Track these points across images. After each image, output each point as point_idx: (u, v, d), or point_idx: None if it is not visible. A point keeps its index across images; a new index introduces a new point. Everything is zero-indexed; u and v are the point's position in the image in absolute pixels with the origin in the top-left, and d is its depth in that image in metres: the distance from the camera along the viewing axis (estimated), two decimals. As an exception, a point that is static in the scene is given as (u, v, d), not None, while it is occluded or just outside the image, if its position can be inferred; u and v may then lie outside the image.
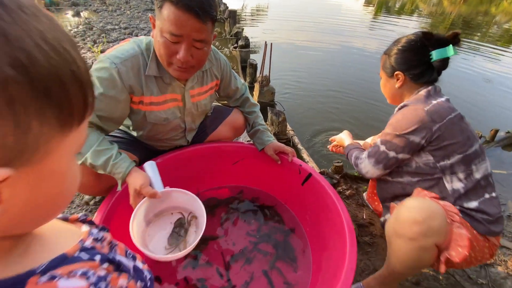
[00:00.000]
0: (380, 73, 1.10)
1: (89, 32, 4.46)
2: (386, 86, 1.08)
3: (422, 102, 0.93)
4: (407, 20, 9.12)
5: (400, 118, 0.94)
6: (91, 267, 0.35)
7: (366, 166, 1.06)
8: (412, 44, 0.97)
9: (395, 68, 1.01)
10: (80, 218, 0.46)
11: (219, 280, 1.10)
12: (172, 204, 1.09)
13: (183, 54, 0.88)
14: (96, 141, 0.91)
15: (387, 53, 1.05)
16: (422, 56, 0.95)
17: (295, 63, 4.41)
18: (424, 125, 0.89)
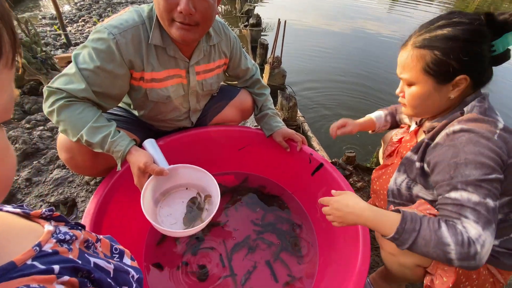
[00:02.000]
0: (414, 77, 0.72)
1: (95, 6, 4.31)
2: (431, 98, 0.71)
3: (485, 124, 0.64)
4: (426, 6, 8.57)
5: (478, 153, 0.61)
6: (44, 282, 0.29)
7: (489, 245, 0.58)
8: (476, 31, 0.65)
9: (458, 70, 0.66)
10: (44, 214, 0.38)
11: (221, 268, 1.06)
12: (181, 182, 1.06)
13: (185, 3, 0.78)
14: (93, 117, 0.84)
15: (428, 46, 0.67)
16: (489, 49, 0.66)
17: (308, 45, 4.20)
18: (502, 159, 0.62)
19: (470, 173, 0.61)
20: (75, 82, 0.82)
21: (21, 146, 1.52)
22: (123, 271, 0.43)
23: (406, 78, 0.74)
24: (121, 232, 0.99)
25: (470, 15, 0.68)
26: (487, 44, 0.66)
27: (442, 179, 0.65)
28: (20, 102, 1.90)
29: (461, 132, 0.65)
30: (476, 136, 0.63)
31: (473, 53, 0.65)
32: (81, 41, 3.06)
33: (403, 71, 0.74)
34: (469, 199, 0.60)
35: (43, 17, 3.80)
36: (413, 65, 0.71)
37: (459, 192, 0.61)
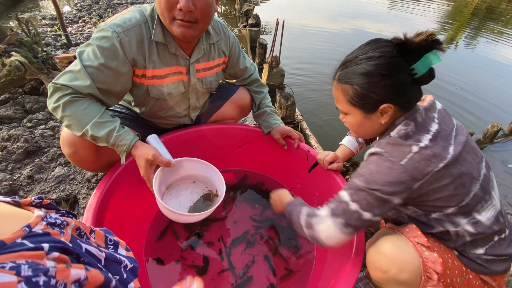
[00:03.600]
0: (345, 109, 0.76)
1: (95, 6, 4.33)
2: (365, 125, 0.76)
3: (399, 147, 0.69)
4: (425, 6, 8.62)
5: (375, 172, 0.70)
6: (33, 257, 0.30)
7: (329, 229, 0.73)
8: (388, 63, 0.67)
9: (380, 101, 0.70)
10: (33, 201, 0.40)
11: (219, 262, 1.08)
12: (185, 174, 1.10)
13: (184, 1, 0.81)
14: (98, 113, 0.86)
15: (352, 82, 0.71)
16: (407, 75, 0.68)
17: (306, 45, 4.23)
18: (404, 186, 0.67)
19: (358, 182, 0.71)
20: (80, 79, 0.85)
21: (23, 144, 1.55)
22: (115, 261, 0.44)
23: (340, 108, 0.79)
24: (122, 226, 1.01)
25: (383, 46, 0.69)
26: (401, 73, 0.68)
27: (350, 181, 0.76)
28: (22, 102, 1.92)
29: (374, 155, 0.72)
30: (382, 158, 0.69)
31: (387, 84, 0.68)
32: (82, 41, 3.08)
33: (336, 102, 0.79)
34: (341, 196, 0.74)
35: (43, 17, 3.82)
36: (341, 98, 0.75)
37: (342, 191, 0.75)
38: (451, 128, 0.72)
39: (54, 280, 0.31)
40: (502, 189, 1.95)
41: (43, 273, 0.30)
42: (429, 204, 0.72)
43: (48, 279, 0.31)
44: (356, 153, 1.13)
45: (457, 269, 0.72)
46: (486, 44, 5.17)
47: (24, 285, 0.28)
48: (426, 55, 0.65)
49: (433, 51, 0.65)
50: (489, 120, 2.59)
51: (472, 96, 3.19)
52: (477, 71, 3.94)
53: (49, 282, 0.31)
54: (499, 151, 2.34)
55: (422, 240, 0.71)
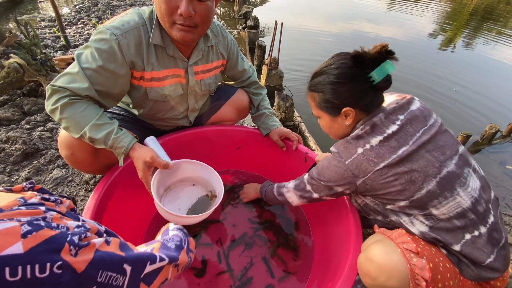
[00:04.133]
0: (316, 113, 0.89)
1: (94, 8, 4.34)
2: (333, 127, 0.88)
3: (348, 149, 0.80)
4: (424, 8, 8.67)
5: (325, 167, 0.84)
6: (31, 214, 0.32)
7: (292, 196, 0.99)
8: (346, 73, 0.78)
9: (340, 105, 0.81)
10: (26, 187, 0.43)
11: (217, 264, 1.08)
12: (183, 176, 1.10)
13: (185, 6, 0.81)
14: (96, 115, 0.86)
15: (318, 90, 0.83)
16: (365, 82, 0.78)
17: (305, 47, 4.25)
18: (346, 181, 0.80)
19: (314, 172, 0.90)
20: (78, 81, 0.85)
21: (21, 146, 1.54)
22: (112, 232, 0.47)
23: (313, 113, 0.92)
24: (120, 228, 1.00)
25: (343, 59, 0.80)
26: (358, 80, 0.78)
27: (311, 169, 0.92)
28: (20, 103, 1.92)
29: (331, 153, 0.86)
30: (333, 157, 0.84)
31: (346, 90, 0.79)
32: (80, 43, 3.08)
33: (311, 107, 0.91)
34: (304, 177, 0.95)
35: (42, 19, 3.83)
36: (312, 104, 0.89)
37: (306, 174, 0.95)
38: (417, 129, 0.76)
39: (54, 224, 0.34)
40: (501, 190, 1.95)
41: (42, 219, 0.33)
42: (381, 197, 0.80)
43: (48, 223, 0.33)
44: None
45: (449, 272, 0.72)
46: (484, 45, 5.20)
47: (27, 226, 0.31)
48: (382, 64, 0.74)
49: (387, 60, 0.74)
50: (487, 121, 2.60)
51: (470, 97, 3.21)
52: (476, 72, 3.96)
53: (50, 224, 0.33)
54: (497, 153, 2.34)
55: (411, 246, 0.72)
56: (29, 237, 0.30)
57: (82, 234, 0.35)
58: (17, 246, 0.29)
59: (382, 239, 0.77)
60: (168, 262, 0.52)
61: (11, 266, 0.28)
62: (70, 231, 0.35)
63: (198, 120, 1.30)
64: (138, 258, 0.44)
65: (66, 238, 0.33)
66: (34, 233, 0.30)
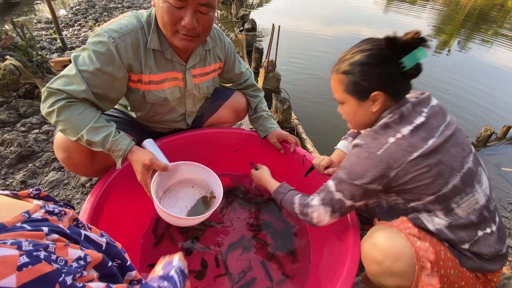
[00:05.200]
0: (341, 97, 0.83)
1: (91, 10, 4.33)
2: (358, 113, 0.82)
3: (377, 139, 0.75)
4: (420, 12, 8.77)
5: (354, 163, 0.77)
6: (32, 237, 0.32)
7: (321, 215, 0.84)
8: (379, 54, 0.75)
9: (370, 88, 0.77)
10: (32, 193, 0.42)
11: (215, 267, 1.08)
12: (182, 178, 1.09)
13: (189, 19, 0.82)
14: (93, 118, 0.86)
15: (345, 71, 0.79)
16: (396, 67, 0.75)
17: (302, 50, 4.27)
18: (380, 173, 0.73)
19: (341, 174, 0.80)
20: (75, 84, 0.84)
21: (16, 149, 1.53)
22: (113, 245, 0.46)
23: (337, 98, 0.86)
24: (117, 232, 0.99)
25: (374, 41, 0.77)
26: (390, 63, 0.75)
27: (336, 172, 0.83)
28: (16, 106, 1.91)
29: (356, 147, 0.80)
30: (361, 150, 0.77)
31: (378, 72, 0.75)
32: (77, 45, 3.07)
33: (334, 93, 0.86)
34: (329, 186, 0.84)
35: (38, 21, 3.81)
36: (338, 87, 0.83)
37: (330, 181, 0.84)
38: (439, 123, 0.76)
39: (54, 256, 0.33)
40: (496, 192, 1.97)
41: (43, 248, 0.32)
42: (409, 192, 0.76)
43: (48, 254, 0.32)
44: None
45: (450, 261, 0.73)
46: (479, 48, 5.27)
47: (26, 257, 0.30)
48: (414, 51, 0.72)
49: (420, 47, 0.72)
50: (482, 123, 2.63)
51: (464, 99, 3.25)
52: (470, 75, 4.01)
53: (50, 256, 0.32)
54: (493, 155, 2.37)
55: (413, 231, 0.74)
56: (24, 270, 0.29)
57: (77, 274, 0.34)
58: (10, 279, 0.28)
59: (384, 227, 0.78)
60: None
61: None
62: (68, 265, 0.34)
63: (196, 122, 1.30)
64: None
65: (58, 278, 0.32)
66: (30, 266, 0.30)
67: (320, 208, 0.84)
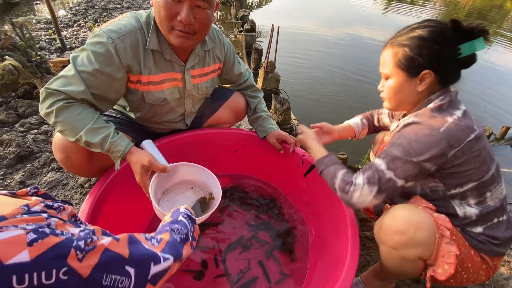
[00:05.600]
0: (389, 71, 0.82)
1: (90, 11, 4.33)
2: (403, 89, 0.81)
3: (436, 118, 0.74)
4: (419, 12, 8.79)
5: (413, 140, 0.73)
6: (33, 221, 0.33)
7: (364, 195, 0.77)
8: (442, 33, 0.74)
9: (423, 65, 0.75)
10: (30, 191, 0.43)
11: (214, 267, 1.07)
12: (181, 179, 1.09)
13: (185, 13, 0.82)
14: (92, 119, 0.85)
15: (402, 44, 0.78)
16: (453, 50, 0.74)
17: (301, 50, 4.28)
18: (441, 151, 0.71)
19: (395, 151, 0.75)
20: (74, 84, 0.84)
21: (15, 149, 1.52)
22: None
23: (384, 72, 0.85)
24: (116, 233, 0.99)
25: (439, 21, 0.77)
26: (450, 45, 0.75)
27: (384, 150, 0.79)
28: (14, 106, 1.90)
29: (411, 124, 0.77)
30: (420, 127, 0.74)
31: (435, 51, 0.74)
32: (76, 45, 3.07)
33: (383, 67, 0.85)
34: (377, 164, 0.77)
35: (37, 21, 3.80)
36: (389, 60, 0.82)
37: (377, 159, 0.78)
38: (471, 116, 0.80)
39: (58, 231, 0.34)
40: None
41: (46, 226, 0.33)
42: (456, 177, 0.76)
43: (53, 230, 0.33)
44: (357, 136, 1.18)
45: (461, 240, 0.77)
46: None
47: (33, 234, 0.31)
48: (474, 40, 0.73)
49: (481, 38, 0.72)
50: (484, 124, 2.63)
51: (463, 100, 3.23)
52: (469, 76, 4.01)
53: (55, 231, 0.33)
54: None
55: (429, 205, 0.79)
56: (35, 245, 0.30)
57: (88, 239, 0.36)
58: (23, 254, 0.29)
59: (401, 205, 0.80)
60: (173, 261, 0.52)
61: (18, 274, 0.29)
62: (76, 236, 0.35)
63: (195, 123, 1.30)
64: (141, 259, 0.44)
65: (72, 243, 0.33)
66: (40, 240, 0.31)
67: (364, 188, 0.77)
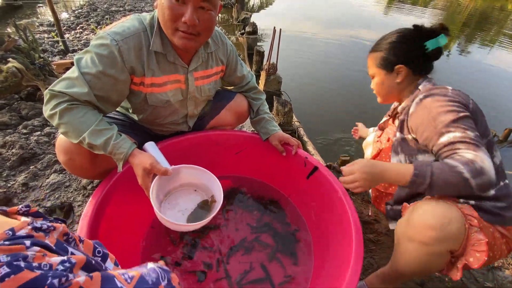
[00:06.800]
0: (373, 71, 1.03)
1: (93, 14, 4.36)
2: (384, 83, 1.00)
3: (438, 89, 0.87)
4: (421, 13, 8.80)
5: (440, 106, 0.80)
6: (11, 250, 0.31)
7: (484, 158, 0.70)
8: (406, 36, 0.95)
9: (395, 62, 0.95)
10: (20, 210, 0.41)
11: (216, 271, 1.07)
12: (183, 181, 1.09)
13: (189, 14, 0.82)
14: (95, 121, 0.86)
15: (378, 50, 1.00)
16: (419, 47, 0.93)
17: (303, 53, 4.28)
18: (464, 101, 0.83)
19: (445, 118, 0.79)
20: (78, 86, 0.85)
21: (18, 151, 1.53)
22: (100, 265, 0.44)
23: (370, 73, 1.05)
24: (118, 234, 0.99)
25: (406, 28, 0.97)
26: (414, 44, 0.93)
27: (429, 132, 0.81)
28: (17, 108, 1.91)
29: (425, 98, 0.86)
30: (436, 96, 0.84)
31: (402, 48, 0.94)
32: (79, 48, 3.09)
33: (369, 70, 1.06)
34: (455, 136, 0.76)
35: (40, 24, 3.83)
36: (372, 63, 1.03)
37: (446, 135, 0.77)
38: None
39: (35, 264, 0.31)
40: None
41: (22, 258, 0.31)
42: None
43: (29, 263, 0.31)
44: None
45: (482, 222, 0.77)
46: (480, 50, 5.28)
47: (6, 268, 0.29)
48: (438, 37, 0.91)
49: (442, 34, 0.91)
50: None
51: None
52: (471, 77, 4.01)
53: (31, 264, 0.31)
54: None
55: (450, 199, 0.80)
56: (7, 280, 0.28)
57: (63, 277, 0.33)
58: None
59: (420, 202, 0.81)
60: None
61: None
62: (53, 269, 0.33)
63: (197, 125, 1.30)
64: None
65: (46, 280, 0.31)
66: (13, 276, 0.29)
67: (480, 153, 0.70)
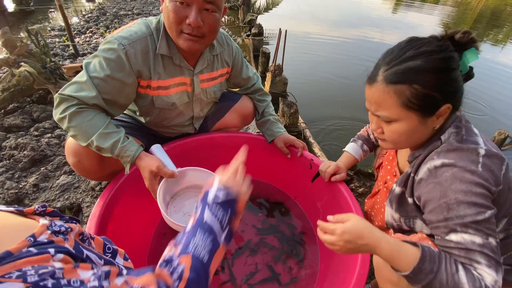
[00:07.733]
0: (395, 114, 0.65)
1: (102, 18, 4.45)
2: (418, 132, 0.66)
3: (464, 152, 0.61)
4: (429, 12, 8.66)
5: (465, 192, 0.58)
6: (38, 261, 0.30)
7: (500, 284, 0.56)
8: (453, 56, 0.62)
9: (442, 100, 0.62)
10: (37, 210, 0.41)
11: (221, 273, 1.07)
12: (189, 184, 1.09)
13: (194, 16, 0.83)
14: (103, 124, 0.88)
15: (411, 81, 0.61)
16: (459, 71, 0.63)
17: (309, 54, 4.27)
18: (489, 193, 0.59)
19: (465, 214, 0.58)
20: (86, 90, 0.87)
21: (29, 152, 1.57)
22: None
23: (385, 115, 0.66)
24: (125, 235, 1.01)
25: (434, 41, 0.64)
26: (458, 67, 0.64)
27: (436, 220, 0.62)
28: (29, 111, 1.96)
29: (443, 168, 0.62)
30: (459, 171, 0.60)
31: (452, 81, 0.62)
32: (89, 51, 3.15)
33: (379, 109, 0.67)
34: (473, 242, 0.57)
35: (52, 28, 3.93)
36: (392, 101, 0.64)
37: (460, 235, 0.58)
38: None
39: (64, 281, 0.31)
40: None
41: (50, 276, 0.30)
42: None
43: (57, 281, 0.30)
44: (359, 160, 1.11)
45: None
46: (492, 50, 5.15)
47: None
48: (464, 52, 0.63)
49: (472, 48, 0.63)
50: (496, 127, 2.56)
51: (478, 103, 3.17)
52: (483, 77, 3.91)
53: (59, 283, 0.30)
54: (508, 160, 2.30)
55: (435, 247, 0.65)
56: None
57: None
58: None
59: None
60: None
61: None
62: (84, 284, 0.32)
63: (203, 126, 1.31)
64: None
65: None
66: None
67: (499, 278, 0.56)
